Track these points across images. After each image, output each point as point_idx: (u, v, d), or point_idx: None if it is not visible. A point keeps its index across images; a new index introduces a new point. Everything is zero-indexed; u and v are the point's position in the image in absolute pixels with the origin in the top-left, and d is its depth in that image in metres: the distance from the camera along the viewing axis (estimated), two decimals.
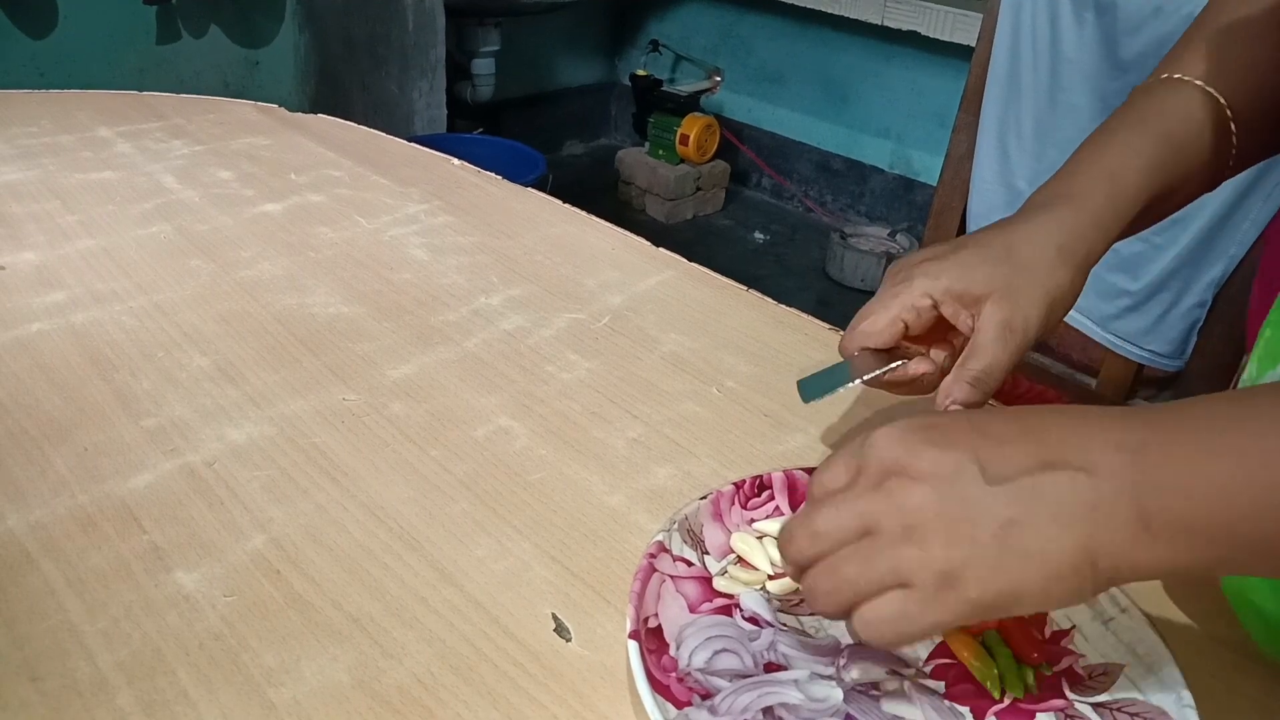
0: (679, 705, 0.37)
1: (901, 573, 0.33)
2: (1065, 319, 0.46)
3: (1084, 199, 0.45)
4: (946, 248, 0.46)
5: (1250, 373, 0.43)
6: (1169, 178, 0.47)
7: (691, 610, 0.43)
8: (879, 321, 0.45)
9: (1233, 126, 0.47)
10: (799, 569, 0.36)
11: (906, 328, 0.45)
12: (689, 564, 0.44)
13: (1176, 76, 0.48)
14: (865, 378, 0.45)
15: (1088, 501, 0.31)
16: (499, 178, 0.92)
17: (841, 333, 0.67)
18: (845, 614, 0.35)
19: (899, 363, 0.46)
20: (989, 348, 0.43)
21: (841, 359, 0.47)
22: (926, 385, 0.47)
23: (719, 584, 0.44)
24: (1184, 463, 0.31)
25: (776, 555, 0.46)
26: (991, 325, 0.43)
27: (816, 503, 0.36)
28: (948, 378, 0.44)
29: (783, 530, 0.37)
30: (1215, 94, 0.47)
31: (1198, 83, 0.48)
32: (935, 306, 0.45)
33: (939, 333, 0.47)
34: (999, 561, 0.32)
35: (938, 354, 0.47)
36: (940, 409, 0.43)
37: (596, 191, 2.91)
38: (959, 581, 0.32)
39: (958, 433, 0.34)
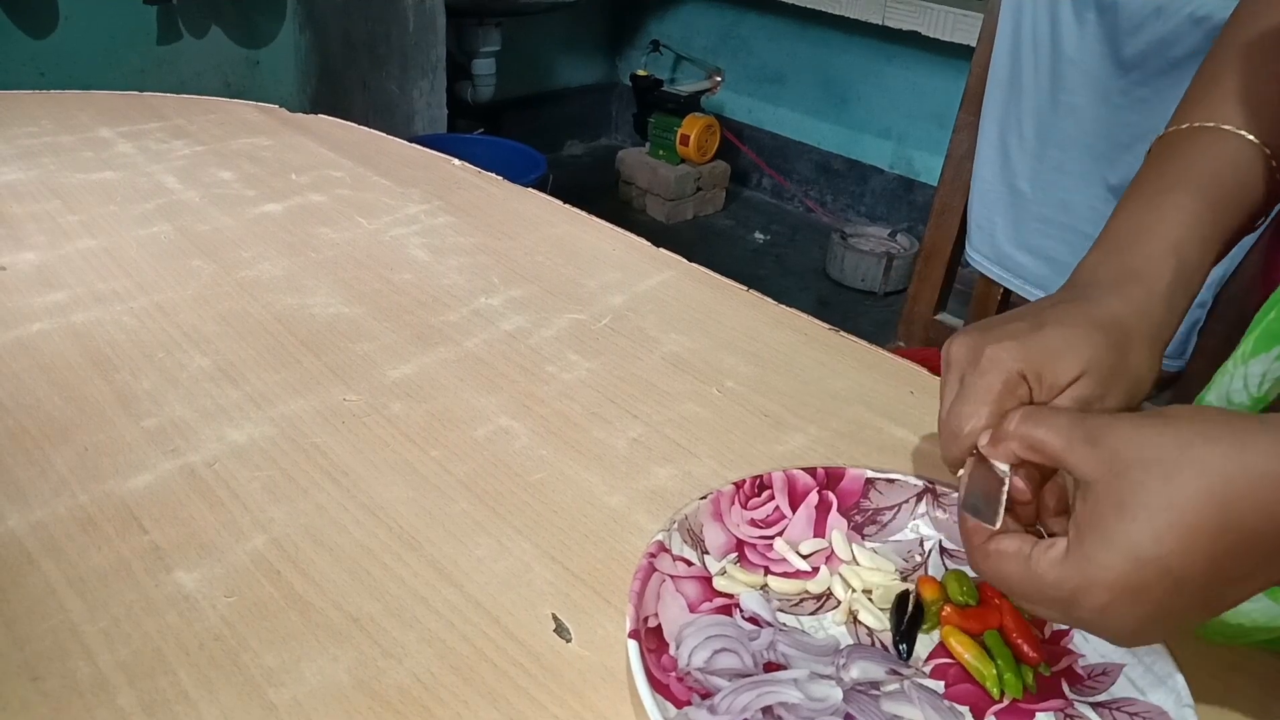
0: (679, 705, 0.37)
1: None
2: None
3: (1154, 279, 0.44)
4: (1025, 326, 0.42)
5: (1244, 348, 0.43)
6: (1227, 242, 0.47)
7: (691, 610, 0.43)
8: (984, 419, 0.40)
9: (1277, 174, 0.47)
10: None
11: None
12: (689, 564, 0.44)
13: (1214, 126, 0.48)
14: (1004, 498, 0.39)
15: None
16: (499, 178, 0.92)
17: (843, 334, 0.68)
18: None
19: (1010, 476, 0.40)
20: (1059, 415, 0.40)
21: (951, 468, 0.42)
22: (1027, 517, 0.42)
23: (719, 584, 0.44)
24: None
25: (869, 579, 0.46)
26: (1070, 400, 0.41)
27: (1025, 571, 0.36)
28: (1016, 412, 0.40)
29: (1004, 569, 0.38)
30: (1258, 142, 0.47)
31: (1240, 133, 0.47)
32: (1030, 392, 0.41)
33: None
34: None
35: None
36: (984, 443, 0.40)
37: (597, 192, 2.92)
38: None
39: (1161, 593, 0.33)
